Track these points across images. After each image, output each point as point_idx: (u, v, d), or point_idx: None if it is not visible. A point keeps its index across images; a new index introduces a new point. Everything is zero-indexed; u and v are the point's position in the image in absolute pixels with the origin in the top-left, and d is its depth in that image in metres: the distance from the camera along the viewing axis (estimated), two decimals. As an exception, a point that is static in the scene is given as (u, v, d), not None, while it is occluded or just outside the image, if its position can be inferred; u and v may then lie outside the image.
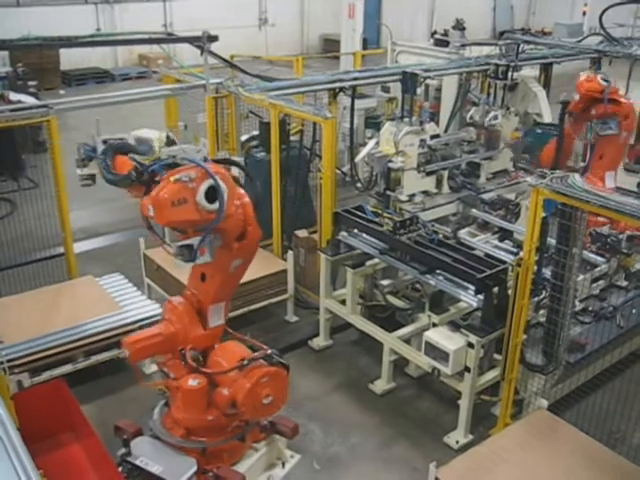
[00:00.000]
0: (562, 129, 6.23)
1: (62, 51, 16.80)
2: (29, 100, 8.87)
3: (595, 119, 6.24)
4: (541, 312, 5.15)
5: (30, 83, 12.37)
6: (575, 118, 6.29)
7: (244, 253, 4.23)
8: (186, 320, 4.46)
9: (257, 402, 4.27)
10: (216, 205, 3.81)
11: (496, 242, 6.28)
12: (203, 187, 3.78)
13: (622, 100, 6.01)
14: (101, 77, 18.17)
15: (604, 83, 5.99)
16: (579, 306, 5.41)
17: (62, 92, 16.37)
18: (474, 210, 6.76)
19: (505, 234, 6.38)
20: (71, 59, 17.58)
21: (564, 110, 6.15)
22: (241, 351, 4.48)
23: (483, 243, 6.20)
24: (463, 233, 6.41)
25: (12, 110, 6.35)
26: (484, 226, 6.69)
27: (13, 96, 9.48)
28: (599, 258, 5.78)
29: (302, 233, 7.14)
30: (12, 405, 4.18)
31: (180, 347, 4.45)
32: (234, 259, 4.21)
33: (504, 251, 5.98)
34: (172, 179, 3.75)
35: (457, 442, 5.25)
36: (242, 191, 4.13)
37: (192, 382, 4.38)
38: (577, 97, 6.07)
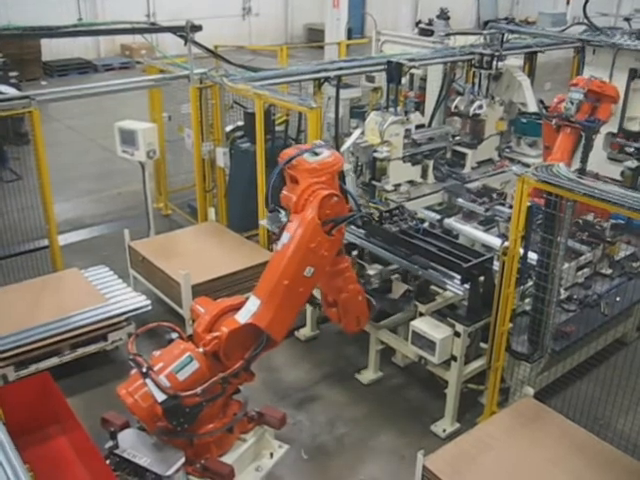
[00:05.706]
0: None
1: (43, 41, 16.61)
2: (10, 91, 8.76)
3: None
4: (527, 300, 5.19)
5: (11, 74, 12.21)
6: None
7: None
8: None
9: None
10: None
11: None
12: None
13: None
14: (84, 68, 17.98)
15: None
16: (564, 294, 5.45)
17: (44, 83, 16.22)
18: (460, 200, 6.78)
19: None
20: (53, 50, 17.41)
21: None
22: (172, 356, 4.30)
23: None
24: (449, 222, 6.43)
25: (-7, 101, 6.26)
26: (469, 215, 6.71)
27: (-6, 87, 9.35)
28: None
29: (288, 224, 7.10)
30: (-3, 399, 4.17)
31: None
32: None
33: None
34: None
35: (444, 430, 5.28)
36: None
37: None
38: None
